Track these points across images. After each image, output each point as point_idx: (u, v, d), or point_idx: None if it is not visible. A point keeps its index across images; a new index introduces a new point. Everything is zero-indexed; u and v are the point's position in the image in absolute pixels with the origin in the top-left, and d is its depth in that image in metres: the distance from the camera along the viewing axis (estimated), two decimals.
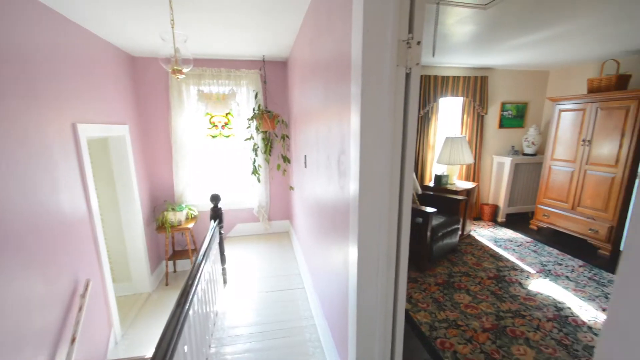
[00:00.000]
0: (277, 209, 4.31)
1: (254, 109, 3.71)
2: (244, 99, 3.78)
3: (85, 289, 2.18)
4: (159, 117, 3.61)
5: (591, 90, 3.59)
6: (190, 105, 3.65)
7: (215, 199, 2.83)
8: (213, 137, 3.96)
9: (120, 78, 3.04)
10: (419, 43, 1.00)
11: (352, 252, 1.29)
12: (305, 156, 2.62)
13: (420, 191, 3.82)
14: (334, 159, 1.57)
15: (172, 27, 1.75)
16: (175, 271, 3.89)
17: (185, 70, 1.84)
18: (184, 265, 3.93)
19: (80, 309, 2.08)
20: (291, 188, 3.87)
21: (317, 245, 2.32)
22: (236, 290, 2.94)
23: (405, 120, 1.08)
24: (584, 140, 3.61)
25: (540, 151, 4.63)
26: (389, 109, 1.03)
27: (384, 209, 1.16)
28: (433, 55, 1.91)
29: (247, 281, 3.12)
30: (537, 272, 3.17)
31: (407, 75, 1.03)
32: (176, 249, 3.95)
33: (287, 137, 3.83)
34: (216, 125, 3.94)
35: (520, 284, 2.95)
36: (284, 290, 2.92)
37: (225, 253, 3.09)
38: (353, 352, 1.43)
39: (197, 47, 3.12)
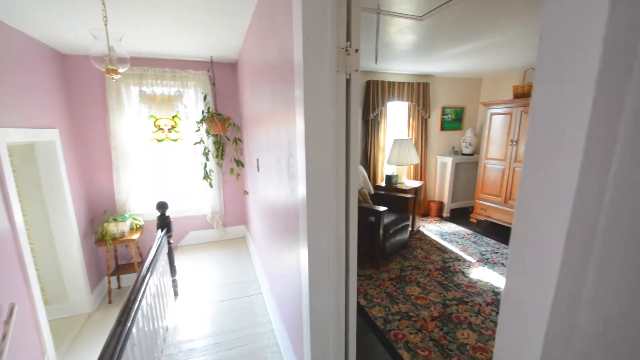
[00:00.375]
0: (232, 214, 4.20)
1: (203, 112, 3.58)
2: (192, 101, 3.63)
3: (10, 315, 1.92)
4: (95, 120, 3.31)
5: (516, 96, 4.05)
6: (131, 107, 3.40)
7: (162, 206, 2.67)
8: (159, 141, 3.73)
9: (47, 77, 2.74)
10: (357, 51, 1.05)
11: (303, 254, 1.31)
12: (257, 160, 2.59)
13: (372, 191, 3.98)
14: (283, 161, 1.58)
15: (105, 24, 1.63)
16: (119, 287, 3.59)
17: (121, 70, 1.72)
18: (129, 280, 3.64)
19: (4, 337, 1.83)
20: (246, 192, 3.79)
21: (272, 249, 2.31)
22: (189, 302, 2.80)
23: (348, 123, 1.13)
24: (512, 141, 4.05)
25: (476, 151, 5.10)
26: (331, 113, 1.07)
27: (331, 210, 1.20)
28: (376, 62, 2.02)
29: (201, 292, 2.98)
30: (477, 261, 3.48)
31: (348, 81, 1.08)
32: (120, 262, 3.65)
33: (240, 140, 3.75)
34: (162, 129, 3.73)
35: (463, 273, 3.21)
36: (240, 298, 2.85)
37: (175, 264, 2.93)
38: (308, 353, 1.44)
39: (137, 45, 2.93)
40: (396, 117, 4.78)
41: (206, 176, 3.71)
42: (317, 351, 1.41)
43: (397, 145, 4.15)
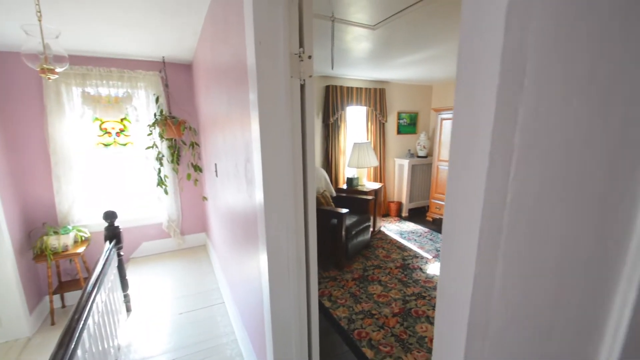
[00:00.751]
0: (190, 221, 4.02)
1: (155, 114, 3.39)
2: (143, 103, 3.42)
3: None
4: (31, 124, 2.99)
5: None
6: (73, 109, 3.12)
7: (109, 216, 2.49)
8: (106, 145, 3.47)
9: None
10: (310, 57, 1.07)
11: (263, 259, 1.30)
12: (215, 164, 2.52)
13: (334, 194, 4.05)
14: (241, 166, 1.56)
15: (39, 20, 1.49)
16: (64, 306, 3.26)
17: (59, 69, 1.58)
18: (75, 297, 3.31)
19: None
20: (204, 198, 3.66)
21: (233, 256, 2.25)
22: (144, 318, 2.63)
23: (304, 128, 1.15)
24: None
25: (430, 153, 5.41)
26: (286, 117, 1.08)
27: (289, 214, 1.20)
28: (332, 68, 2.07)
29: (157, 305, 2.81)
30: (433, 257, 3.68)
31: (302, 86, 1.10)
32: (64, 279, 3.31)
33: (197, 144, 3.61)
34: (109, 132, 3.47)
35: (420, 269, 3.38)
36: (201, 309, 2.73)
37: (127, 277, 2.73)
38: (271, 358, 1.43)
39: (78, 43, 2.71)
40: (356, 121, 4.92)
41: (160, 182, 3.52)
42: (279, 357, 1.40)
43: (356, 149, 4.27)
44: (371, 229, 4.01)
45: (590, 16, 0.18)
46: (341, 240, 3.33)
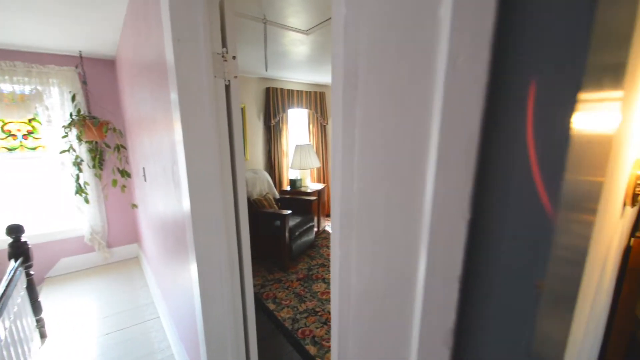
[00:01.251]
0: (118, 232, 3.66)
1: (71, 115, 3.02)
2: (57, 102, 3.03)
3: None
4: None
5: None
6: None
7: (14, 231, 2.16)
8: (10, 150, 3.00)
9: None
10: (234, 57, 1.07)
11: (193, 267, 1.25)
12: (143, 168, 2.34)
13: (278, 195, 4.03)
14: (168, 170, 1.48)
15: None
16: None
17: None
18: None
19: None
20: (134, 206, 3.36)
21: (167, 266, 2.11)
22: (63, 344, 2.33)
23: (230, 129, 1.13)
24: None
25: None
26: (211, 118, 1.06)
27: (219, 218, 1.17)
28: (266, 70, 2.08)
29: (79, 328, 2.51)
30: None
31: (227, 87, 1.09)
32: None
33: (124, 147, 3.31)
34: (14, 135, 3.01)
35: None
36: (133, 326, 2.51)
37: (40, 299, 2.39)
38: None
39: None
40: (298, 124, 4.96)
41: (80, 190, 3.14)
42: None
43: (299, 151, 4.31)
44: (315, 229, 4.08)
45: (393, 31, 0.22)
46: (285, 241, 3.33)
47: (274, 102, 4.33)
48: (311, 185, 4.68)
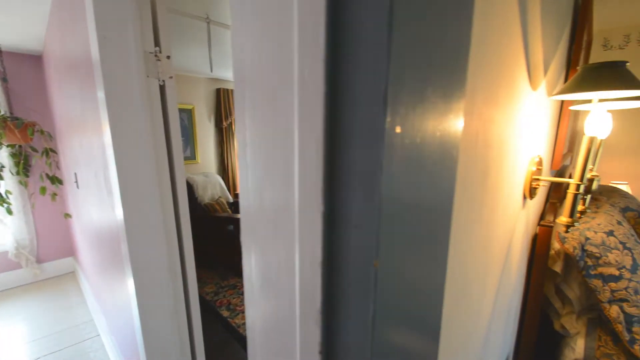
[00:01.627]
0: (50, 245, 3.30)
1: None
2: None
3: None
4: None
5: None
6: None
7: None
8: None
9: None
10: (168, 57, 1.03)
11: (129, 281, 1.17)
12: (75, 174, 2.14)
13: (231, 199, 3.93)
14: (100, 175, 1.37)
15: None
16: None
17: None
18: None
19: None
20: (67, 216, 3.06)
21: (105, 280, 1.95)
22: None
23: (167, 131, 1.09)
24: None
25: None
26: (145, 119, 1.01)
27: (157, 225, 1.12)
28: (211, 70, 2.03)
29: (4, 356, 2.22)
30: None
31: (162, 87, 1.05)
32: None
33: (53, 151, 3.00)
34: None
35: None
36: (68, 347, 2.28)
37: None
38: None
39: None
40: None
41: (1, 200, 2.79)
42: None
43: None
44: None
45: (267, 45, 0.24)
46: (239, 246, 3.26)
47: (225, 103, 4.23)
48: None
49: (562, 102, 1.30)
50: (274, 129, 0.24)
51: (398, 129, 0.19)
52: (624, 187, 2.62)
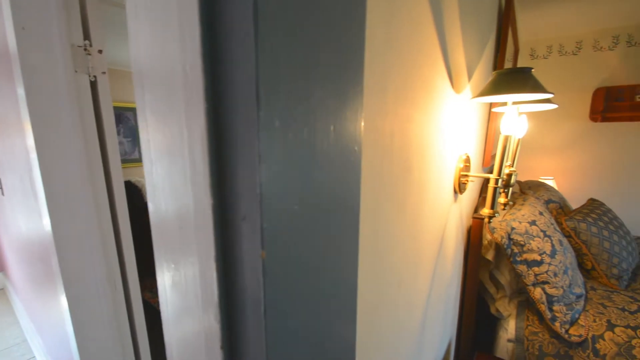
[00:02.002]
0: None
1: None
2: None
3: None
4: None
5: None
6: None
7: None
8: None
9: None
10: (100, 51, 0.96)
11: (62, 296, 1.08)
12: (0, 180, 1.92)
13: None
14: (26, 180, 1.25)
15: None
16: None
17: None
18: None
19: None
20: None
21: (38, 296, 1.77)
22: None
23: (101, 130, 1.02)
24: None
25: None
26: (73, 117, 0.93)
27: (91, 233, 1.04)
28: None
29: None
30: None
31: (93, 84, 0.98)
32: None
33: None
34: None
35: None
36: None
37: None
38: None
39: None
40: None
41: None
42: None
43: None
44: None
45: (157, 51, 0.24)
46: None
47: None
48: None
49: (490, 104, 1.43)
50: (171, 126, 0.24)
51: (277, 123, 0.20)
52: (550, 182, 2.93)
